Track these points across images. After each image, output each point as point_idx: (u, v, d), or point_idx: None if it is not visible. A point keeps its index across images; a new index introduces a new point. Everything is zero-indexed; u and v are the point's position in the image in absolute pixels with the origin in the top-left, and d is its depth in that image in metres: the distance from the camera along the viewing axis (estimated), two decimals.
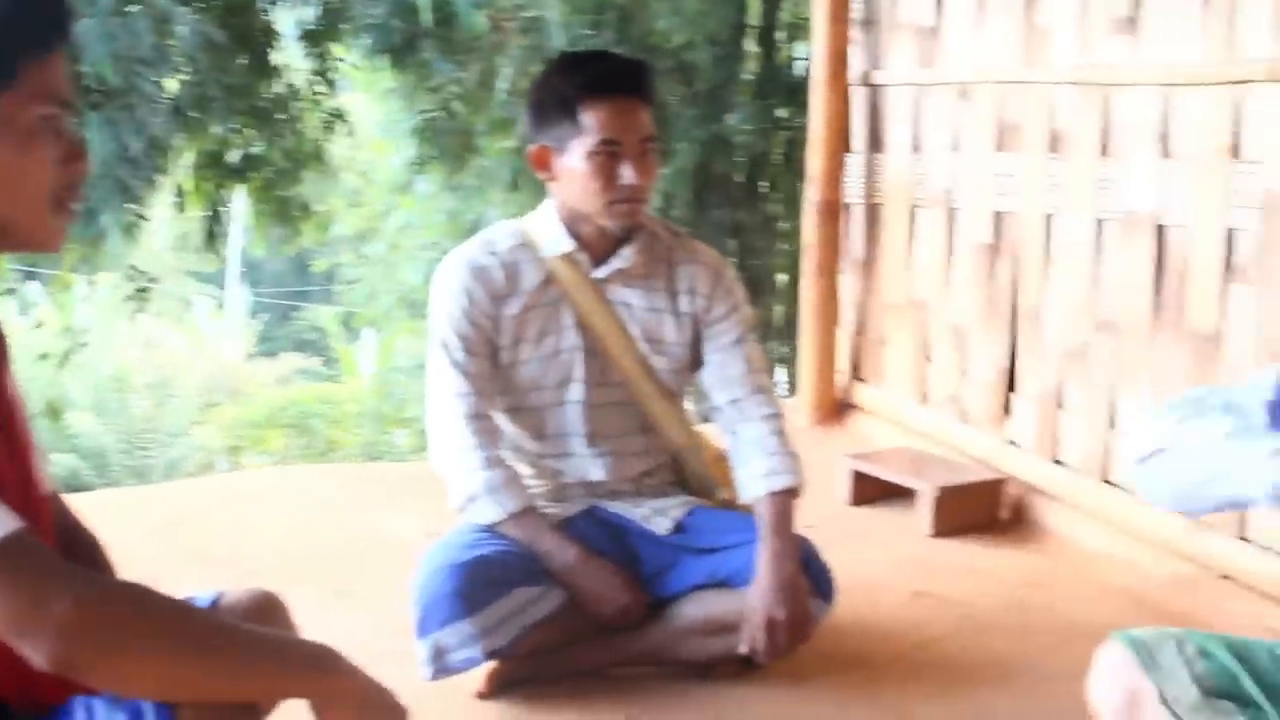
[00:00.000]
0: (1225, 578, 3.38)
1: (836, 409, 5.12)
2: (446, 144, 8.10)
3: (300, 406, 15.19)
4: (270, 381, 16.84)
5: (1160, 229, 3.64)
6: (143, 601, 1.51)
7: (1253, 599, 3.28)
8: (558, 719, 2.78)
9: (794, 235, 9.36)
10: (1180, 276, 3.58)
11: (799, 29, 8.51)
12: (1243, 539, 3.37)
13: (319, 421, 15.17)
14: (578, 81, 2.84)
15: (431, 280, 3.01)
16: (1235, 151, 3.39)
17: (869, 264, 5.06)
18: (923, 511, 4.03)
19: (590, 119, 2.82)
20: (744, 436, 3.00)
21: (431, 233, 10.33)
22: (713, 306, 3.04)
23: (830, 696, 2.92)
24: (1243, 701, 2.12)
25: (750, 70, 9.04)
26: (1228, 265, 3.42)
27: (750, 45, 9.10)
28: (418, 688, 1.70)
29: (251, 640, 1.62)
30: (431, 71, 7.86)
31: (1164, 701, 2.13)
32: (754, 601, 2.81)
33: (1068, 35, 3.97)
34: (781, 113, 9.14)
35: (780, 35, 8.89)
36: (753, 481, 2.95)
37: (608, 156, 2.82)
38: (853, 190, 5.09)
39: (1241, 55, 3.35)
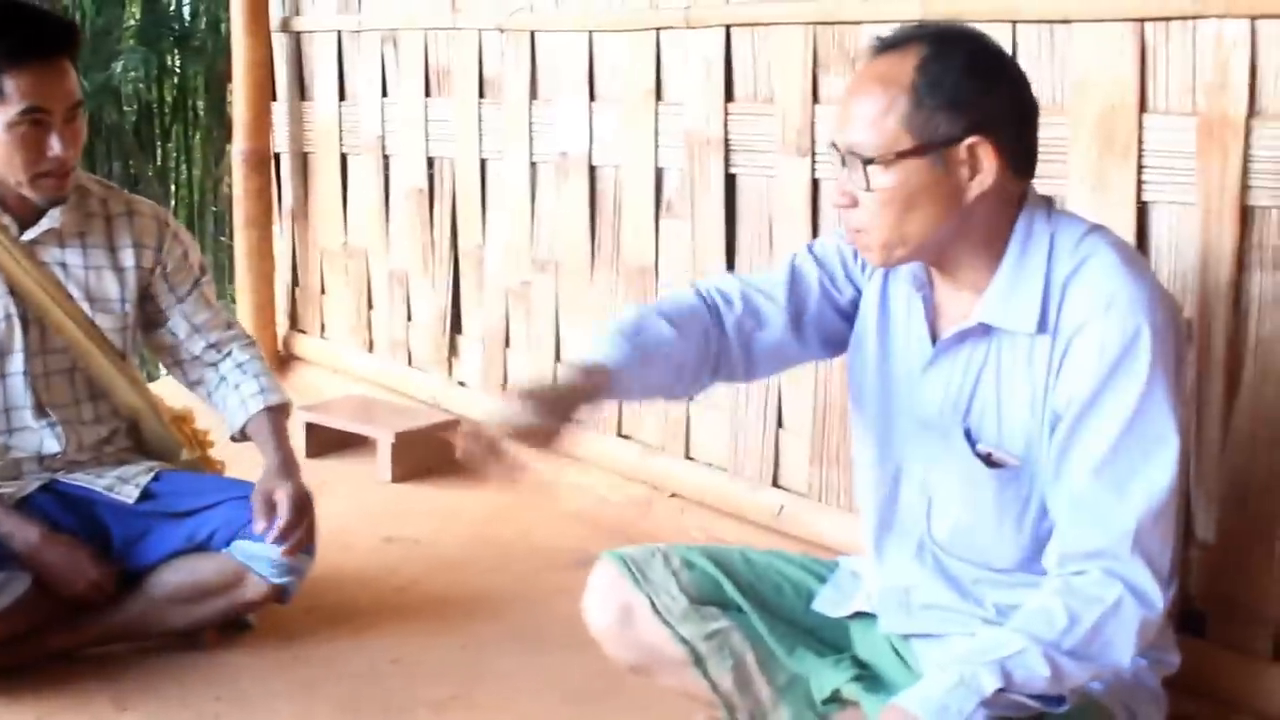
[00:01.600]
0: (674, 495, 3.62)
1: (277, 361, 5.04)
2: None
3: None
4: None
5: (593, 169, 3.83)
6: None
7: (701, 512, 3.52)
8: (37, 710, 2.62)
9: (190, 184, 9.11)
10: (614, 214, 3.78)
11: None
12: (689, 458, 3.62)
13: None
14: None
15: None
16: (659, 94, 3.61)
17: (302, 214, 5.01)
18: (381, 458, 4.07)
19: (12, 86, 2.66)
20: (226, 368, 3.00)
21: None
22: (165, 258, 2.99)
23: (323, 651, 2.92)
24: (725, 605, 2.31)
25: (134, 16, 8.67)
26: (658, 201, 3.64)
27: None
28: None
29: None
30: None
31: (655, 611, 2.29)
32: (268, 485, 2.81)
33: None
34: (172, 60, 8.85)
35: None
36: (248, 401, 2.96)
37: (33, 125, 2.69)
38: (280, 139, 5.00)
39: (661, 2, 3.55)
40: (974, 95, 1.91)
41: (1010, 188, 1.97)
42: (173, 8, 8.94)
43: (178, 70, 8.95)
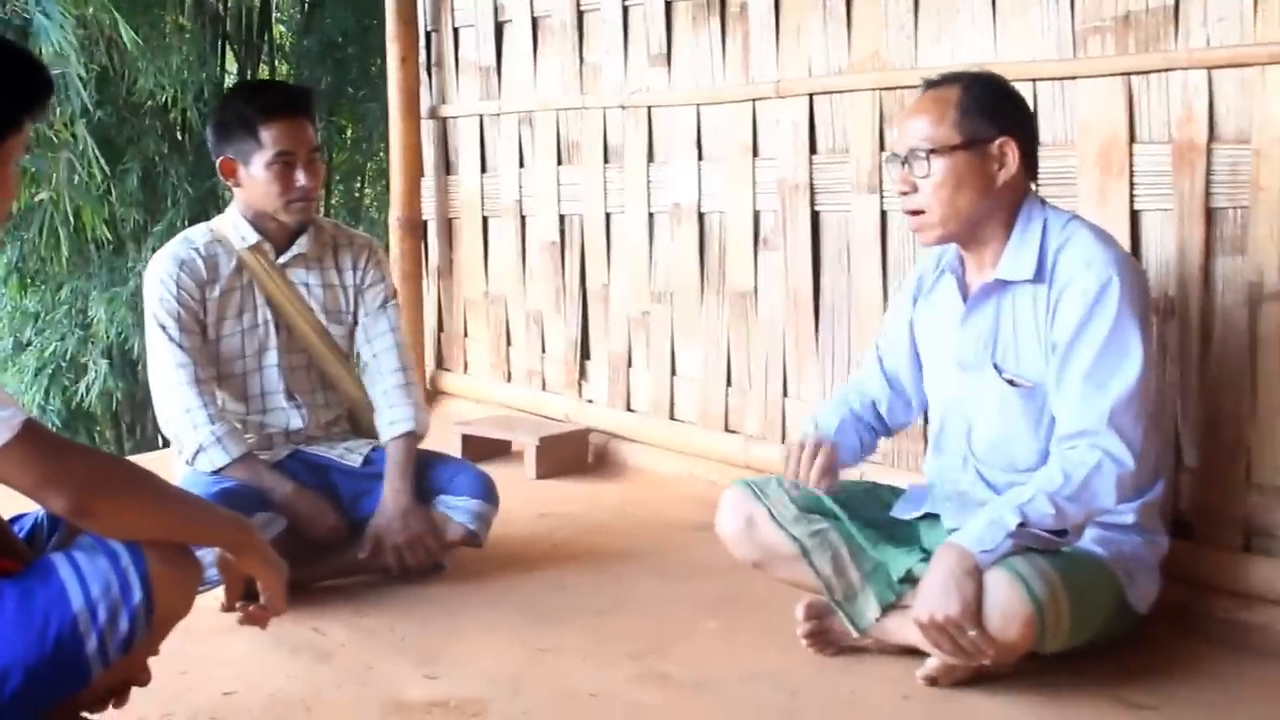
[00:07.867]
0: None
1: (427, 395, 5.84)
2: None
3: None
4: None
5: (702, 215, 4.65)
6: (130, 466, 2.13)
7: None
8: (294, 622, 3.26)
9: None
10: (720, 251, 4.60)
11: None
12: (784, 444, 4.39)
13: None
14: (257, 105, 3.53)
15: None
16: (755, 151, 4.44)
17: (447, 270, 5.87)
18: (528, 459, 4.85)
19: (268, 135, 3.51)
20: (377, 390, 3.76)
21: None
22: (366, 276, 3.79)
23: (502, 583, 3.67)
24: (825, 514, 3.08)
25: None
26: (756, 238, 4.45)
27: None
28: None
29: (194, 498, 2.29)
30: None
31: (772, 518, 3.06)
32: (379, 529, 3.56)
33: (614, 68, 4.93)
34: None
35: None
36: (383, 429, 3.70)
37: (284, 165, 3.52)
38: (428, 208, 5.89)
39: (755, 78, 4.39)
40: (1003, 109, 2.75)
41: (1022, 183, 2.79)
42: None
43: None
